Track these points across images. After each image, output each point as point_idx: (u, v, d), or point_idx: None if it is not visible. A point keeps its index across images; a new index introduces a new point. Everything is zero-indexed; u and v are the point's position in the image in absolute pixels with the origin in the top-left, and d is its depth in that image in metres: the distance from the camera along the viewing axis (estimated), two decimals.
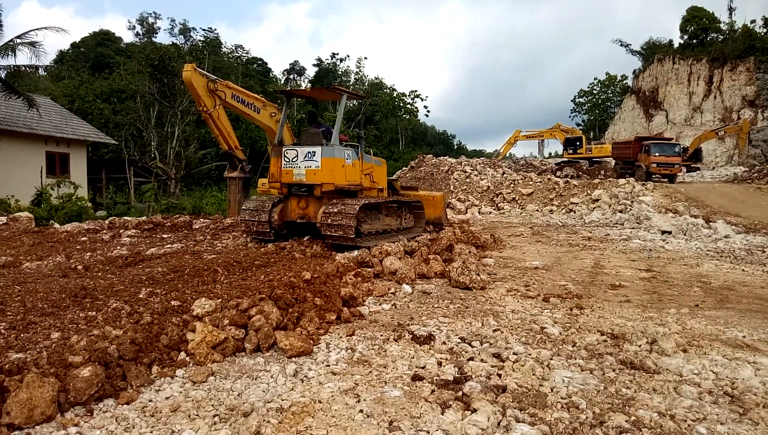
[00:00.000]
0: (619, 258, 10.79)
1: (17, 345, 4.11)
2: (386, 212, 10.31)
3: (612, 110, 66.30)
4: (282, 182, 9.59)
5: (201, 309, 4.90)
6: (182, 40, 54.23)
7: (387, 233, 10.13)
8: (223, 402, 3.54)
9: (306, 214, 9.56)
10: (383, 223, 10.09)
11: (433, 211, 12.26)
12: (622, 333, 5.31)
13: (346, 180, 9.41)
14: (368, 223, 9.49)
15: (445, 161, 32.87)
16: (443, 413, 3.42)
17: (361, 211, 9.11)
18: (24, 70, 20.60)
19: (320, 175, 9.09)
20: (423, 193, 12.97)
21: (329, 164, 9.08)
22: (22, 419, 3.09)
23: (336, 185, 9.17)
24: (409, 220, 11.25)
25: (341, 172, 9.27)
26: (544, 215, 21.82)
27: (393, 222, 10.52)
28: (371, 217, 9.68)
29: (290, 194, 9.67)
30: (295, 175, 9.33)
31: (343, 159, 9.33)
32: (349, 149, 9.71)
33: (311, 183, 9.20)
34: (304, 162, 9.26)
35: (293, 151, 9.41)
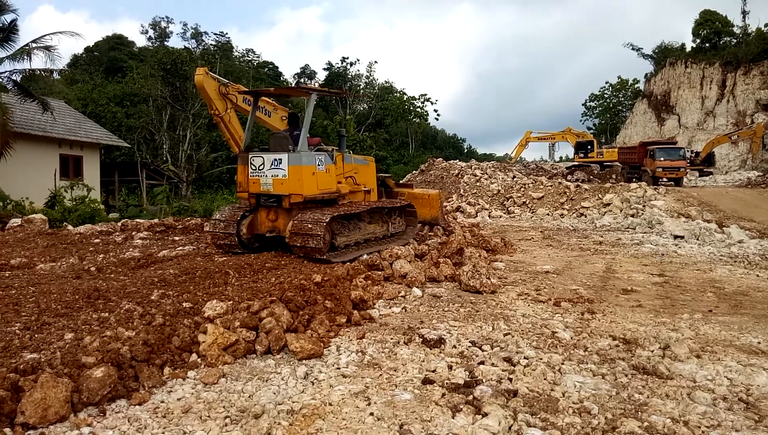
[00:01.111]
0: (630, 262, 10.70)
1: (32, 345, 4.15)
2: (369, 219, 9.51)
3: (623, 114, 65.90)
4: (249, 192, 8.80)
5: (212, 311, 4.92)
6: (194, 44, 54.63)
7: (371, 242, 9.36)
8: (234, 404, 3.56)
9: (276, 226, 8.75)
10: (365, 231, 9.29)
11: (428, 210, 11.58)
12: (635, 338, 5.26)
13: (318, 189, 8.55)
14: (345, 234, 8.71)
15: (455, 165, 32.84)
16: (454, 417, 3.41)
17: (335, 222, 8.41)
18: (39, 73, 20.83)
19: (288, 184, 8.26)
20: (417, 192, 12.20)
21: (297, 173, 8.23)
22: (37, 419, 3.12)
23: (305, 196, 8.31)
24: (399, 224, 10.42)
25: (311, 181, 8.41)
26: (555, 219, 21.71)
27: (378, 229, 9.71)
28: (349, 227, 8.89)
29: (259, 205, 8.85)
30: (263, 185, 8.52)
31: (313, 166, 8.46)
32: (321, 154, 8.85)
33: (279, 193, 8.41)
34: (271, 170, 8.43)
35: (259, 159, 8.60)
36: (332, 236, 8.38)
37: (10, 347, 4.10)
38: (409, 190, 11.92)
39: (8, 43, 19.70)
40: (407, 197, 11.34)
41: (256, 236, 9.04)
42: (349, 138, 40.06)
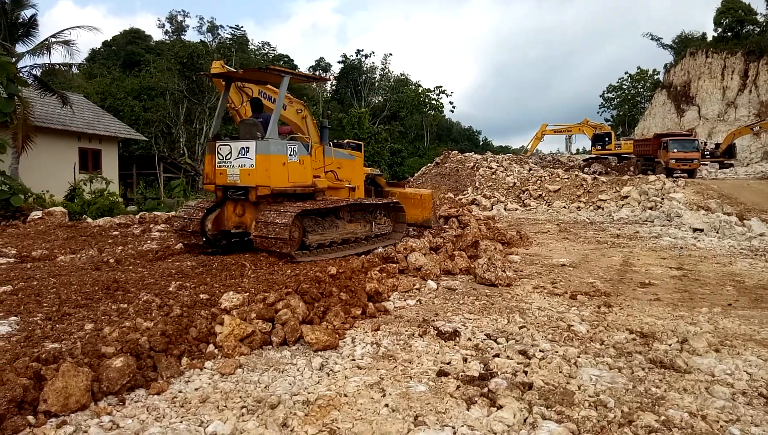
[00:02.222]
0: (648, 256, 10.58)
1: (53, 335, 4.23)
2: (349, 218, 8.80)
3: (642, 106, 64.99)
4: (216, 184, 8.16)
5: (229, 302, 4.97)
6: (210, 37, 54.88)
7: (350, 243, 8.68)
8: (250, 394, 3.59)
9: (242, 222, 8.06)
10: (344, 231, 8.56)
11: (420, 211, 10.82)
12: (652, 332, 5.21)
13: (290, 181, 7.87)
14: (318, 232, 8.02)
15: (470, 157, 32.69)
16: (468, 409, 3.41)
17: (307, 218, 7.85)
18: (58, 68, 21.13)
19: (255, 175, 7.61)
20: (409, 191, 11.41)
21: (264, 162, 7.58)
22: (58, 407, 3.18)
23: (273, 188, 7.63)
24: (385, 225, 9.65)
25: (281, 172, 7.73)
26: (572, 212, 21.53)
27: (360, 229, 8.98)
28: (324, 225, 8.22)
29: (226, 198, 8.19)
30: (229, 176, 7.88)
31: (283, 155, 7.79)
32: (295, 143, 8.14)
33: (246, 185, 7.72)
34: (238, 160, 7.78)
35: (227, 147, 7.96)
36: (303, 234, 7.77)
37: (33, 337, 4.19)
38: (401, 190, 11.28)
39: (28, 38, 20.02)
40: (398, 197, 10.74)
41: (223, 233, 8.39)
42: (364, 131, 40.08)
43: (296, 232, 7.57)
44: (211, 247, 8.26)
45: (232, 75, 8.83)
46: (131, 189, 26.93)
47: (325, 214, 8.29)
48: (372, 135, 41.54)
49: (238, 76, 8.83)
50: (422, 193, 11.28)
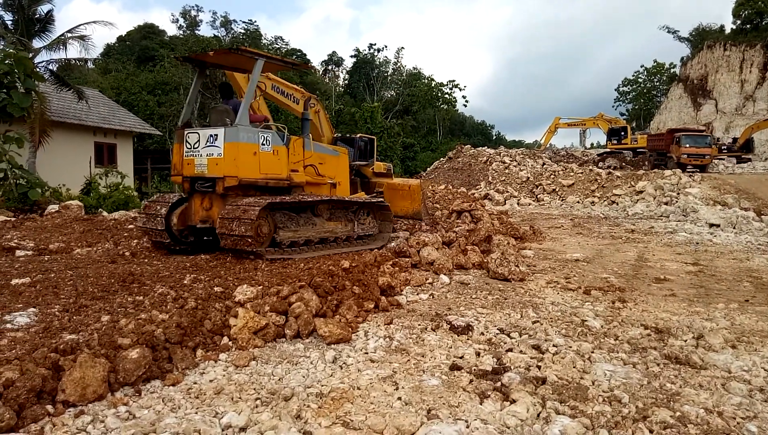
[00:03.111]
0: (664, 251, 10.48)
1: (70, 326, 4.30)
2: (328, 215, 8.23)
3: (658, 99, 64.23)
4: (184, 175, 7.62)
5: (243, 295, 5.01)
6: (223, 32, 55.07)
7: (329, 243, 8.15)
8: (264, 386, 3.62)
9: (209, 216, 7.53)
10: (321, 229, 8.03)
11: (410, 203, 10.21)
12: (667, 327, 5.16)
13: (261, 172, 7.42)
14: (291, 229, 7.54)
15: (483, 152, 32.58)
16: (482, 403, 3.41)
17: (276, 213, 7.31)
18: (74, 63, 21.34)
19: (222, 165, 7.13)
20: (397, 182, 10.74)
21: (233, 151, 7.10)
22: (76, 397, 3.23)
23: (241, 179, 7.17)
24: (369, 225, 9.03)
25: (251, 162, 7.28)
26: (586, 207, 21.37)
27: (340, 228, 8.42)
28: (298, 222, 7.70)
29: (194, 191, 7.69)
30: (197, 166, 7.37)
31: (254, 144, 7.33)
32: (269, 132, 7.66)
33: (213, 176, 7.22)
34: (206, 148, 7.29)
35: (195, 135, 7.46)
36: (274, 229, 7.30)
37: (51, 328, 4.25)
38: (388, 181, 10.70)
39: (45, 34, 20.24)
40: (385, 189, 10.28)
41: (191, 229, 7.86)
42: (377, 125, 40.03)
43: (265, 228, 7.10)
44: (176, 243, 7.79)
45: (202, 58, 8.32)
46: (146, 183, 27.18)
47: (300, 210, 7.76)
48: (384, 129, 41.50)
49: (209, 60, 8.22)
50: (410, 183, 10.62)
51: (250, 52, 7.76)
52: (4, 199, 13.68)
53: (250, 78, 7.59)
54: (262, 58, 7.67)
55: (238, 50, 7.72)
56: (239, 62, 8.11)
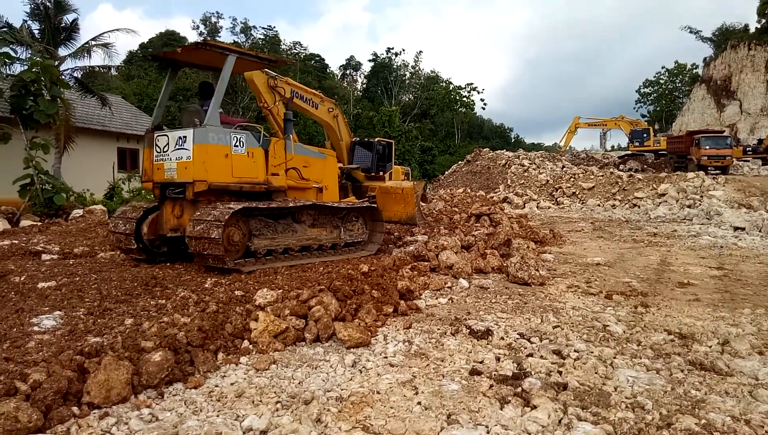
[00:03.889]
0: (687, 255, 10.31)
1: (95, 329, 4.37)
2: (311, 221, 7.75)
3: (680, 101, 63.27)
4: (154, 181, 7.21)
5: (263, 299, 5.05)
6: (243, 38, 55.69)
7: (312, 252, 7.68)
8: (284, 389, 3.64)
9: (180, 224, 7.06)
10: (303, 236, 7.57)
11: (403, 207, 9.74)
12: (691, 333, 5.08)
13: (234, 176, 6.94)
14: (268, 236, 7.08)
15: (502, 155, 32.42)
16: (502, 408, 3.38)
17: (251, 220, 6.87)
18: (98, 70, 21.76)
19: (192, 168, 6.62)
20: (389, 185, 10.13)
21: (202, 153, 6.61)
22: (101, 399, 3.29)
23: (211, 183, 6.66)
24: (358, 231, 8.54)
25: (222, 165, 6.79)
26: (606, 210, 21.13)
27: (325, 235, 7.94)
28: (276, 229, 7.22)
29: (165, 197, 7.27)
30: (167, 171, 6.93)
31: (226, 146, 6.84)
32: (242, 133, 7.17)
33: (183, 181, 6.76)
34: (175, 151, 6.84)
35: (164, 138, 7.02)
36: (248, 237, 6.86)
37: (76, 331, 4.33)
38: (380, 184, 10.17)
39: (70, 42, 20.65)
40: (378, 192, 9.77)
41: (164, 239, 7.43)
42: (395, 129, 40.06)
43: (237, 235, 6.65)
44: (148, 254, 7.43)
45: (171, 56, 7.69)
46: None
47: (278, 216, 7.29)
48: (402, 133, 41.52)
49: (179, 57, 7.61)
50: (403, 186, 9.99)
51: (219, 48, 7.18)
52: (31, 204, 13.99)
53: (221, 76, 7.04)
54: (233, 54, 7.13)
55: (205, 45, 7.14)
56: (210, 59, 7.53)
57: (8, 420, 2.84)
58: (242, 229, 6.78)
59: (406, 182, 10.63)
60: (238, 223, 6.71)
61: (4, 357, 3.66)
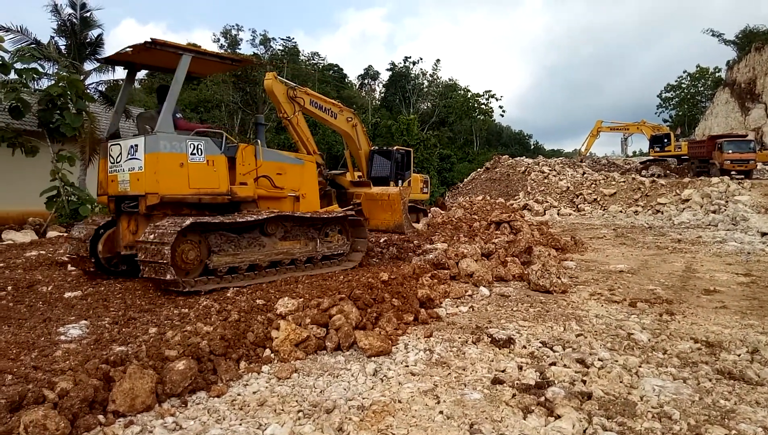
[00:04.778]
0: (713, 261, 10.11)
1: (120, 338, 4.44)
2: (283, 234, 7.17)
3: (703, 105, 62.29)
4: (109, 194, 6.78)
5: (284, 308, 5.08)
6: (263, 50, 56.33)
7: (284, 267, 7.14)
8: (306, 398, 3.65)
9: (135, 241, 6.49)
10: (272, 251, 6.98)
11: (390, 215, 9.18)
12: (719, 341, 4.97)
13: (191, 187, 6.39)
14: (230, 252, 6.48)
15: (521, 162, 32.23)
16: (525, 418, 3.34)
17: (211, 235, 6.30)
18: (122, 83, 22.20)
19: (144, 180, 6.13)
20: (375, 192, 9.53)
21: (153, 163, 6.09)
22: (126, 407, 3.33)
23: (164, 196, 6.13)
24: (338, 243, 8.00)
25: (177, 176, 6.25)
26: (629, 217, 20.84)
27: (299, 248, 7.36)
28: (240, 244, 6.63)
29: (121, 212, 6.83)
30: (120, 183, 6.50)
31: (181, 154, 6.29)
32: (201, 140, 6.57)
33: (136, 193, 6.28)
34: (128, 162, 6.37)
35: (117, 147, 6.57)
36: (208, 254, 6.30)
37: (101, 340, 4.41)
38: (366, 190, 9.62)
39: (95, 56, 21.15)
40: (363, 199, 9.32)
41: (121, 256, 7.00)
42: (413, 137, 40.09)
43: (192, 253, 6.12)
44: (105, 273, 7.03)
45: (123, 58, 7.03)
46: None
47: (242, 229, 6.71)
48: (421, 141, 41.51)
49: (132, 59, 7.07)
50: (390, 192, 9.37)
51: (170, 46, 6.59)
52: (57, 215, 14.29)
53: (174, 77, 6.54)
54: (188, 53, 6.62)
55: (154, 44, 6.45)
56: (166, 60, 6.88)
57: (37, 428, 2.89)
58: (199, 245, 6.25)
59: (392, 188, 10.03)
60: (194, 239, 6.15)
61: (33, 365, 3.74)
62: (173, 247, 5.75)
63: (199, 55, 6.81)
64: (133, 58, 6.94)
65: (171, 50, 6.55)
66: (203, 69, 7.59)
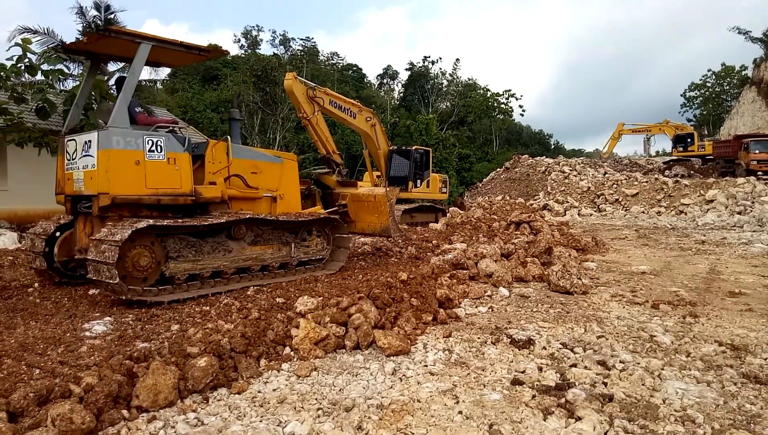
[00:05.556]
0: (738, 263, 9.92)
1: (143, 335, 4.52)
2: (253, 238, 6.71)
3: (728, 104, 61.09)
4: (65, 194, 6.37)
5: (304, 306, 5.11)
6: (283, 50, 56.72)
7: (253, 274, 6.70)
8: (326, 396, 3.67)
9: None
10: (240, 256, 6.52)
11: (377, 217, 8.63)
12: (744, 344, 4.87)
13: (148, 187, 5.93)
14: (190, 258, 6.02)
15: (541, 162, 31.98)
16: (545, 419, 3.32)
17: (169, 239, 5.88)
18: (144, 84, 22.59)
19: (97, 179, 5.73)
20: (361, 192, 9.00)
21: (105, 161, 5.66)
22: (149, 403, 3.39)
23: (116, 196, 5.68)
24: (317, 247, 7.54)
25: (132, 174, 5.80)
26: (651, 217, 20.54)
27: (270, 254, 6.88)
28: (203, 249, 6.17)
29: (77, 213, 6.40)
30: (75, 182, 6.10)
31: (136, 151, 5.83)
32: (161, 135, 6.14)
33: (90, 193, 5.89)
34: (83, 159, 5.96)
35: (73, 143, 6.17)
36: (166, 260, 5.86)
37: (125, 336, 4.49)
38: (352, 191, 9.17)
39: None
40: (349, 201, 8.91)
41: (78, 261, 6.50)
42: (432, 137, 40.01)
43: (144, 259, 5.65)
44: (62, 277, 6.66)
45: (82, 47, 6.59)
46: None
47: (207, 233, 6.24)
48: (440, 141, 41.41)
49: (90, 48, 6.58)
50: (376, 193, 8.76)
51: (127, 34, 6.14)
52: None
53: (131, 67, 6.12)
54: (146, 41, 6.11)
55: (109, 32, 5.99)
56: (126, 49, 6.34)
57: (63, 421, 2.96)
58: (155, 250, 5.76)
59: (379, 189, 9.39)
60: (148, 244, 5.71)
61: (59, 360, 3.82)
62: (123, 251, 5.34)
63: (160, 44, 6.30)
64: (91, 47, 6.48)
65: (128, 38, 6.10)
66: (172, 60, 7.19)
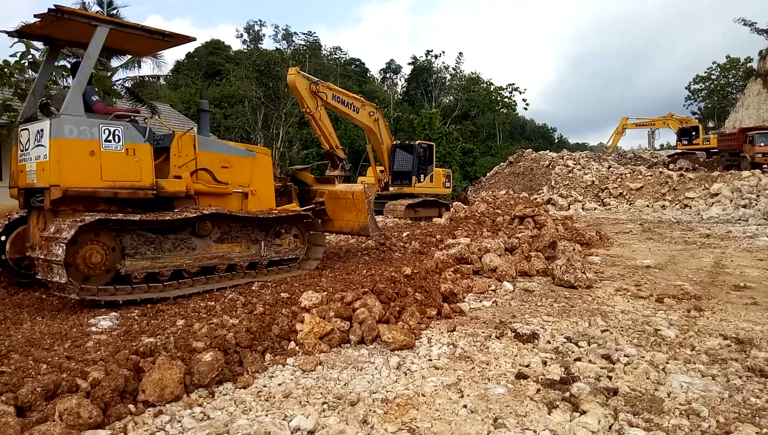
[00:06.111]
0: (743, 257, 9.89)
1: (149, 330, 4.54)
2: (219, 235, 6.33)
3: (733, 96, 60.70)
4: (19, 187, 5.99)
5: (308, 301, 5.12)
6: (285, 45, 56.61)
7: (220, 273, 6.30)
8: (331, 390, 3.69)
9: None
10: (205, 255, 6.14)
11: (354, 215, 8.25)
12: (749, 338, 4.87)
13: (104, 179, 5.53)
14: (148, 256, 5.66)
15: (545, 156, 31.90)
16: (550, 413, 3.33)
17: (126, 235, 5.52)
18: (147, 80, 22.62)
19: (49, 170, 5.35)
20: (339, 189, 8.63)
21: (57, 151, 5.30)
22: (155, 397, 3.40)
23: (67, 189, 5.32)
24: (290, 245, 7.13)
25: (86, 166, 5.42)
26: (655, 211, 20.49)
27: (238, 252, 6.48)
28: (164, 246, 5.80)
29: (31, 207, 5.99)
30: (28, 174, 5.72)
31: (91, 141, 5.45)
32: (119, 125, 5.72)
33: (42, 186, 5.49)
34: (35, 149, 5.58)
35: (26, 132, 5.79)
36: (121, 257, 5.49)
37: (131, 331, 4.51)
38: (330, 188, 8.80)
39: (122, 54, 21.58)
40: (327, 198, 8.56)
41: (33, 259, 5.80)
42: (435, 131, 39.92)
43: (96, 256, 5.29)
44: (15, 276, 6.24)
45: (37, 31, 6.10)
46: None
47: (168, 229, 5.87)
48: (443, 135, 41.29)
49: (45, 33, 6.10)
50: (354, 190, 8.39)
51: (81, 16, 5.76)
52: None
53: (87, 52, 5.69)
54: (103, 24, 5.71)
55: (61, 13, 5.49)
56: (83, 33, 5.83)
57: (71, 415, 2.98)
58: (109, 247, 5.41)
59: (356, 185, 9.00)
60: (101, 240, 5.35)
61: (66, 355, 3.84)
62: (71, 246, 5.02)
63: (118, 27, 5.93)
64: (46, 31, 6.03)
65: (83, 20, 5.68)
66: (136, 46, 6.84)
